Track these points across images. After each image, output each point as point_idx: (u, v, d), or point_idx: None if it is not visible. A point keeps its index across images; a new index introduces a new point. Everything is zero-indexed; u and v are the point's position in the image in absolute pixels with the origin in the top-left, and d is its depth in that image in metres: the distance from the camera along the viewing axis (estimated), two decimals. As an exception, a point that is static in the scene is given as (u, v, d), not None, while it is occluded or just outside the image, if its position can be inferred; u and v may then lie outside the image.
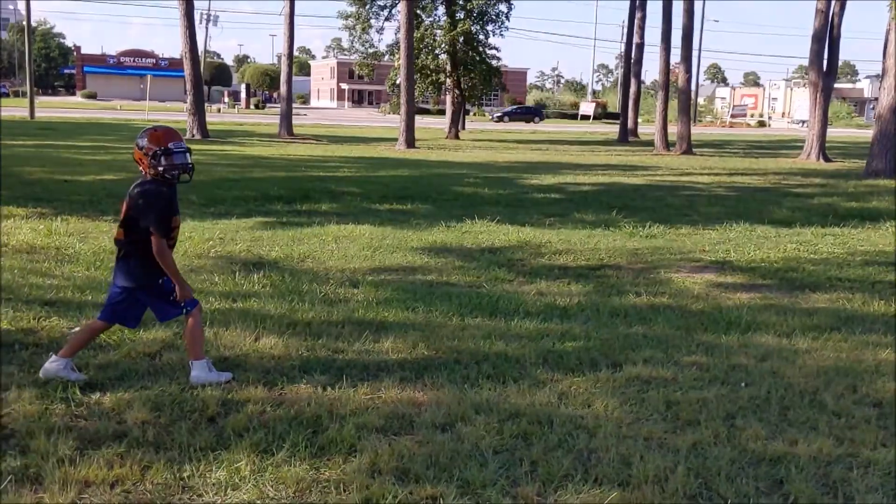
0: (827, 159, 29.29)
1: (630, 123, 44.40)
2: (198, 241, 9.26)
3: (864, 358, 5.64)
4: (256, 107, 75.28)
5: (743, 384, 4.98)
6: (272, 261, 8.52)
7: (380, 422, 4.30)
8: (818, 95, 30.32)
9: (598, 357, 5.47)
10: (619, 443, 4.10)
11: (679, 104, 32.97)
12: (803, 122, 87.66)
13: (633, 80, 45.54)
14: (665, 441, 4.15)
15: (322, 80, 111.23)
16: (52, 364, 4.74)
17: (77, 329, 5.42)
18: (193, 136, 29.19)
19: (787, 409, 4.64)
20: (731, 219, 12.24)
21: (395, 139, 31.68)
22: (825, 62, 30.61)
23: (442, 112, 65.81)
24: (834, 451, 4.05)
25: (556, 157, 27.81)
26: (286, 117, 34.43)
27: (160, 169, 4.55)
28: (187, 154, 4.66)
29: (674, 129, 34.27)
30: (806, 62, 31.15)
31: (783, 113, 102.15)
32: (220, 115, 53.38)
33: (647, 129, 51.18)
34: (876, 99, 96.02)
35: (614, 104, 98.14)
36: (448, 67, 39.43)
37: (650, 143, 36.67)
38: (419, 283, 7.78)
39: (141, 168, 4.63)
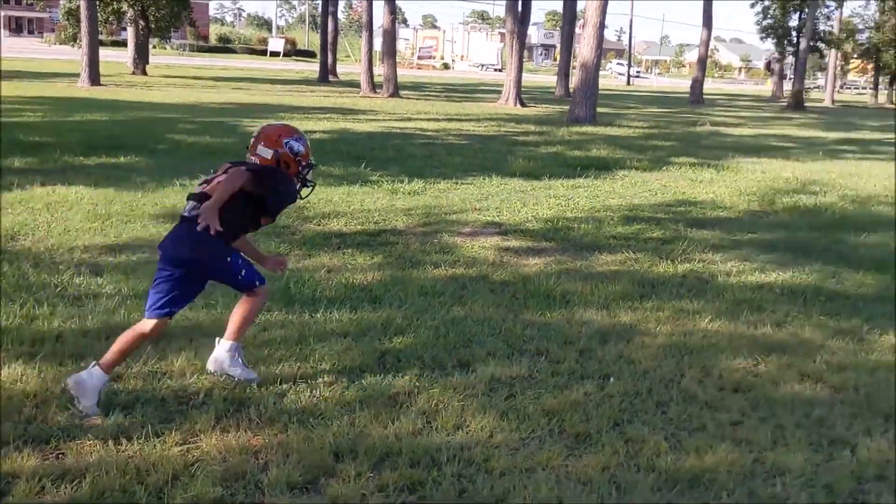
0: (523, 104, 30.76)
1: (329, 63, 43.43)
2: None
3: (690, 329, 5.47)
4: None
5: (610, 379, 4.51)
6: (-30, 241, 6.60)
7: (216, 490, 3.18)
8: (514, 42, 31.66)
9: (439, 354, 4.71)
10: (526, 479, 3.39)
11: (384, 45, 32.60)
12: (483, 65, 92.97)
13: (330, 19, 44.57)
14: (570, 470, 3.51)
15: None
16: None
17: None
18: None
19: (665, 405, 4.24)
20: (478, 171, 12.00)
21: (76, 75, 27.90)
22: (520, 10, 32.03)
23: (117, 44, 59.79)
24: (742, 460, 3.68)
25: (263, 97, 26.17)
26: (-68, 45, 28.72)
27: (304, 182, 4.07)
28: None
29: (377, 71, 34.00)
30: (482, 8, 32.28)
31: (462, 56, 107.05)
32: None
33: (343, 69, 50.74)
34: (543, 45, 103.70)
35: (303, 41, 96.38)
36: (130, -5, 35.47)
37: (351, 84, 36.18)
38: (179, 264, 6.41)
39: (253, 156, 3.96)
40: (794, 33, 47.66)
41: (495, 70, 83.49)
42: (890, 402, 4.39)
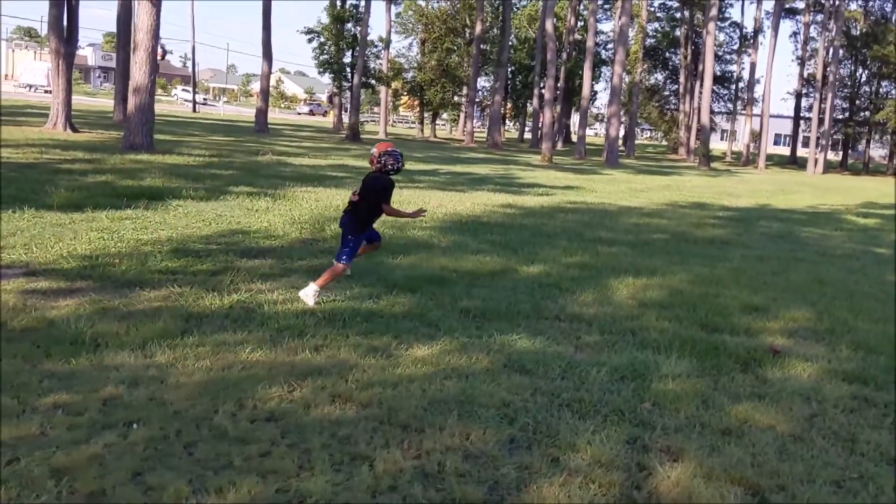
0: (74, 129, 28.49)
1: None
2: None
3: (231, 362, 5.40)
4: None
5: (134, 425, 4.22)
6: None
7: None
8: (60, 62, 29.19)
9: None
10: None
11: None
12: (32, 86, 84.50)
13: None
14: (78, 535, 3.20)
15: None
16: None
17: None
18: None
19: (193, 446, 4.09)
20: (8, 203, 10.72)
21: None
22: (65, 29, 29.61)
23: None
24: (266, 492, 3.68)
25: None
26: None
27: (380, 164, 7.07)
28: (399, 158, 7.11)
29: None
30: (26, 23, 29.59)
31: (7, 75, 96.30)
32: None
33: None
34: (102, 68, 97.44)
35: None
36: None
37: None
38: None
39: (371, 167, 7.17)
40: (348, 69, 50.98)
41: (45, 91, 76.44)
42: (408, 413, 4.74)
